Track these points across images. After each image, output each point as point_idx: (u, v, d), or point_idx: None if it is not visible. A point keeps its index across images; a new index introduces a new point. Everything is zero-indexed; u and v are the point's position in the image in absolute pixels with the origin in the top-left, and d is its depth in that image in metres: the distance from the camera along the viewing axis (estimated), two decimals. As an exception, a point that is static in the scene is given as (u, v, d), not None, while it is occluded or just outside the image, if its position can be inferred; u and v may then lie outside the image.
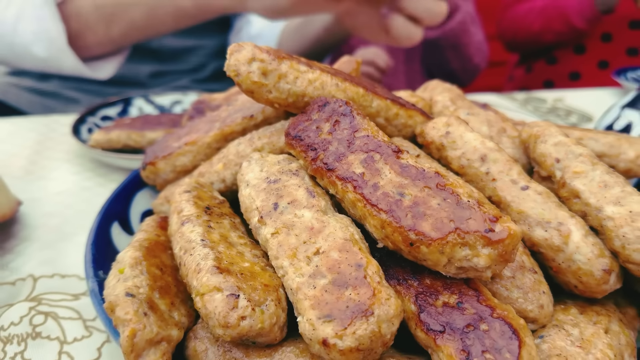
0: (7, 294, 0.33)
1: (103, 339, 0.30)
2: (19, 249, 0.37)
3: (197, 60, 0.83)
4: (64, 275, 0.35)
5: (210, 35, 0.82)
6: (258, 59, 0.30)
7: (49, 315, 0.31)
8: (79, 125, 0.52)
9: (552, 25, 0.84)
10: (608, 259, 0.25)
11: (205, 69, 0.84)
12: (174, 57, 0.83)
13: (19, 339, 0.29)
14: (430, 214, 0.24)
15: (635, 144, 0.33)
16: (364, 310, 0.22)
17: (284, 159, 0.30)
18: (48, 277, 0.34)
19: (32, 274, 0.35)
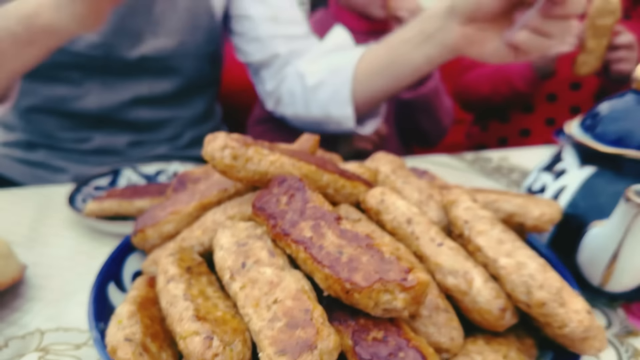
0: (18, 347, 0.39)
1: (102, 381, 0.35)
2: (26, 307, 0.43)
3: (173, 130, 0.89)
4: (67, 328, 0.41)
5: (184, 107, 0.88)
6: (229, 147, 0.38)
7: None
8: (75, 195, 0.59)
9: (499, 89, 0.94)
10: (503, 299, 0.32)
11: (182, 138, 0.90)
12: (150, 128, 0.88)
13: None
14: (361, 268, 0.31)
15: (540, 204, 0.41)
16: (309, 345, 0.28)
17: (251, 225, 0.37)
18: (53, 330, 0.40)
19: (39, 328, 0.40)
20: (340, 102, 0.76)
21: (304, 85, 0.80)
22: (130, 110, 0.85)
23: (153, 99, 0.85)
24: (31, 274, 0.47)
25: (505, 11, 0.58)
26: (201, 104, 0.92)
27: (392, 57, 0.70)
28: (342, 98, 0.76)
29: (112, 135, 0.87)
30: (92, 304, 0.36)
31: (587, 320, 0.29)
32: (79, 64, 0.79)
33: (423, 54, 0.67)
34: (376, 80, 0.73)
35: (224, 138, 0.38)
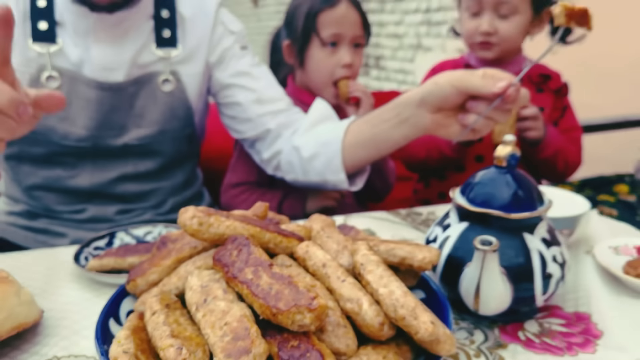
0: (41, 369, 0.52)
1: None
2: (44, 341, 0.57)
3: (157, 199, 1.03)
4: (77, 355, 0.54)
5: (166, 179, 1.03)
6: (196, 216, 0.53)
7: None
8: (79, 254, 0.73)
9: (432, 155, 1.12)
10: (382, 317, 0.47)
11: (165, 204, 1.04)
12: (136, 199, 1.02)
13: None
14: (283, 298, 0.45)
15: (423, 250, 0.56)
16: (247, 350, 0.42)
17: (212, 272, 0.52)
18: (66, 357, 0.54)
19: (55, 355, 0.54)
20: (334, 170, 0.91)
21: (300, 157, 0.95)
22: (118, 185, 0.99)
23: (138, 176, 1.00)
24: (47, 317, 0.61)
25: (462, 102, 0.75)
26: (181, 176, 1.07)
27: (374, 134, 0.86)
28: (335, 166, 0.91)
29: (103, 206, 1.00)
30: (98, 331, 0.50)
31: (431, 328, 0.44)
32: (72, 152, 0.94)
33: (400, 133, 0.83)
34: (361, 151, 0.89)
35: (193, 210, 0.53)
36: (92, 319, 0.60)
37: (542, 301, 0.59)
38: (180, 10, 0.98)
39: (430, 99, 0.77)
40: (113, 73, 0.92)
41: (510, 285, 0.56)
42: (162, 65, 0.96)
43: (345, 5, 1.10)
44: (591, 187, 2.04)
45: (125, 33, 0.93)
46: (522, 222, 0.58)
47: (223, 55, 1.02)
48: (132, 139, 0.96)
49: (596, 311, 0.62)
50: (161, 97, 0.97)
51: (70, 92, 0.90)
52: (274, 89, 1.04)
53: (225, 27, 1.02)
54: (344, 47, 1.11)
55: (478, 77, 0.72)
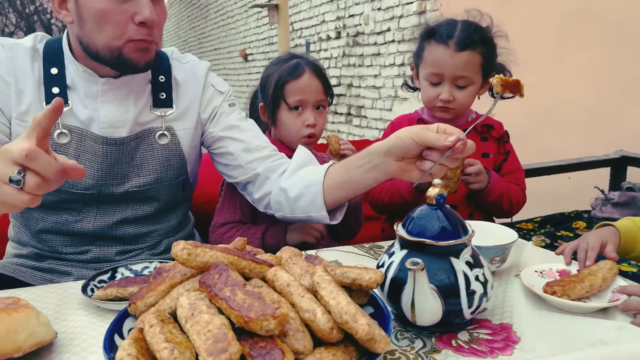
0: (58, 376, 0.64)
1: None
2: (59, 357, 0.68)
3: (152, 240, 1.16)
4: (87, 365, 0.66)
5: (161, 223, 1.16)
6: (186, 248, 0.66)
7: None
8: (85, 287, 0.85)
9: (394, 199, 1.27)
10: (331, 323, 0.59)
11: (160, 246, 1.17)
12: (134, 241, 1.15)
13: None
14: (253, 309, 0.58)
15: (370, 272, 0.69)
16: (224, 350, 0.55)
17: (198, 293, 0.64)
18: (79, 367, 0.66)
19: (69, 366, 0.66)
20: (317, 208, 1.05)
21: (287, 197, 1.09)
22: (119, 228, 1.13)
23: (136, 219, 1.13)
24: (61, 337, 0.72)
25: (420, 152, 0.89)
26: (175, 219, 1.21)
27: (349, 177, 1.01)
28: (318, 205, 1.05)
29: (105, 247, 1.13)
30: (105, 343, 0.62)
31: (367, 329, 0.57)
32: (79, 199, 1.08)
33: (371, 176, 0.98)
34: (339, 192, 1.04)
35: (183, 243, 0.67)
36: (98, 339, 0.72)
37: (469, 314, 0.72)
38: (174, 75, 1.15)
39: (394, 150, 0.92)
40: (117, 130, 1.07)
41: (441, 300, 0.69)
42: (159, 122, 1.12)
43: (308, 76, 1.28)
44: (552, 224, 2.20)
45: (128, 95, 1.08)
46: (449, 248, 0.71)
47: (214, 112, 1.18)
48: (132, 186, 1.10)
49: (517, 322, 0.75)
50: (158, 149, 1.11)
51: (79, 146, 1.04)
52: (260, 139, 1.19)
53: (214, 88, 1.19)
54: (307, 110, 1.29)
55: (432, 131, 0.87)
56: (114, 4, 0.96)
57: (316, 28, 5.66)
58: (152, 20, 0.98)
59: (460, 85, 1.26)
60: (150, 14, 0.97)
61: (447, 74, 1.24)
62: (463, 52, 1.22)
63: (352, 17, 4.85)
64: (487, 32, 1.27)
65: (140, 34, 0.99)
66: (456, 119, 1.31)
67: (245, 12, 8.01)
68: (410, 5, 3.92)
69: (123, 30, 0.98)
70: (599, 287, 0.81)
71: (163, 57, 1.16)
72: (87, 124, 1.05)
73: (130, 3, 0.97)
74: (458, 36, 1.22)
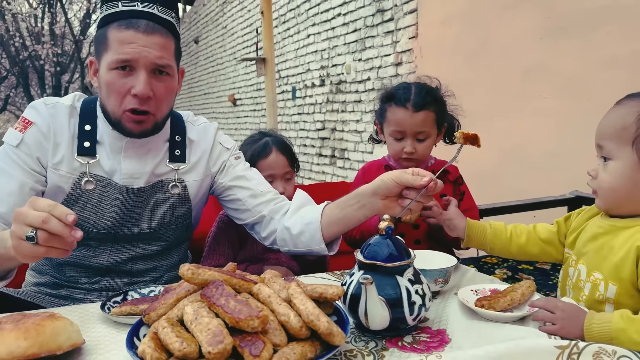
0: (90, 369, 0.82)
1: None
2: (88, 357, 0.87)
3: (156, 274, 1.34)
4: (112, 361, 0.84)
5: (165, 259, 1.35)
6: (190, 269, 0.86)
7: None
8: (103, 306, 1.04)
9: (364, 236, 1.47)
10: (301, 323, 0.79)
11: (162, 279, 1.35)
12: (141, 274, 1.33)
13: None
14: (243, 312, 0.77)
15: (333, 288, 0.89)
16: (221, 342, 0.74)
17: (200, 303, 0.84)
18: (105, 362, 0.84)
19: (98, 363, 0.84)
20: (316, 242, 1.26)
21: (290, 234, 1.29)
22: (129, 263, 1.31)
23: (144, 256, 1.32)
24: (87, 343, 0.90)
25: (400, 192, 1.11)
26: (176, 256, 1.40)
27: (343, 215, 1.23)
28: (317, 240, 1.26)
29: (115, 279, 1.32)
30: (128, 341, 0.81)
31: (326, 325, 0.77)
32: (97, 237, 1.27)
33: (361, 213, 1.20)
34: (335, 227, 1.26)
35: (188, 265, 0.86)
36: (117, 345, 0.90)
37: (411, 320, 0.91)
38: (189, 136, 1.36)
39: (379, 191, 1.14)
40: (136, 181, 1.27)
41: (389, 309, 0.89)
42: (172, 174, 1.32)
43: (275, 155, 1.53)
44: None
45: (148, 152, 1.27)
46: (395, 269, 0.92)
47: (222, 165, 1.38)
48: (144, 228, 1.29)
49: (451, 327, 0.95)
50: (169, 198, 1.32)
51: (102, 193, 1.24)
52: (263, 185, 1.38)
53: (222, 145, 1.40)
54: (277, 181, 1.53)
55: (409, 174, 1.10)
56: (117, 77, 1.16)
57: (302, 76, 5.98)
58: (143, 94, 1.14)
59: (420, 138, 1.49)
60: (144, 88, 1.14)
61: (409, 131, 1.48)
62: (420, 112, 1.46)
63: (335, 67, 5.18)
64: (437, 92, 1.51)
65: (133, 103, 1.16)
66: (418, 165, 1.54)
67: (235, 59, 8.38)
68: (388, 57, 4.24)
69: (122, 100, 1.17)
70: (519, 301, 1.01)
71: (179, 119, 1.36)
72: (110, 174, 1.25)
73: (130, 78, 1.16)
74: (414, 99, 1.46)
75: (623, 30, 2.53)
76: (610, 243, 0.98)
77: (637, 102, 0.96)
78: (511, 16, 3.13)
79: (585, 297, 1.00)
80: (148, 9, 1.17)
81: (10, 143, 1.20)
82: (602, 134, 1.00)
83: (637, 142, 0.94)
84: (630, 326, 0.83)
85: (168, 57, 1.18)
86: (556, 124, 2.92)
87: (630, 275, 0.93)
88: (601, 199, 1.02)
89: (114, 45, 1.15)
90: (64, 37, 11.98)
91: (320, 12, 5.42)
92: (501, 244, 1.20)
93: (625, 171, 0.95)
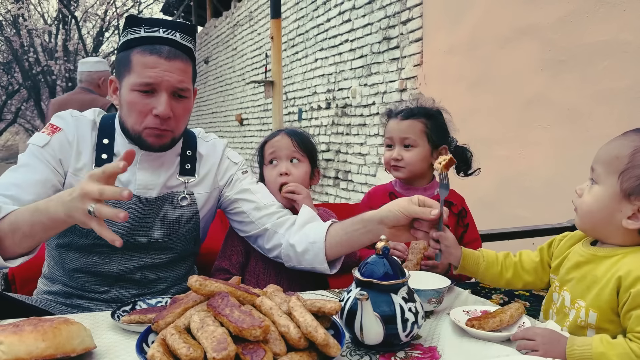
0: (101, 372, 0.87)
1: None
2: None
3: (163, 285, 1.40)
4: (122, 365, 0.90)
5: (172, 271, 1.40)
6: (198, 280, 0.92)
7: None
8: (113, 315, 1.10)
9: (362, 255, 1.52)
10: (300, 334, 0.85)
11: (169, 291, 1.41)
12: (148, 284, 1.39)
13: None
14: (246, 322, 0.83)
15: (331, 302, 0.95)
16: (224, 348, 0.79)
17: (206, 312, 0.89)
18: (115, 366, 0.89)
19: (108, 366, 0.90)
20: (320, 261, 1.32)
21: (295, 252, 1.35)
22: (138, 272, 1.37)
23: (153, 266, 1.38)
24: (98, 348, 0.96)
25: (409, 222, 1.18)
26: (183, 268, 1.46)
27: (347, 237, 1.29)
28: (321, 259, 1.32)
29: (123, 290, 1.37)
30: (137, 347, 0.87)
31: (323, 336, 0.82)
32: (109, 244, 1.32)
33: (366, 238, 1.26)
34: (339, 248, 1.31)
35: (196, 277, 0.92)
36: (127, 350, 0.96)
37: (404, 337, 0.97)
38: (199, 150, 1.44)
39: (387, 221, 1.20)
40: (149, 192, 1.34)
41: (383, 325, 0.94)
42: (182, 187, 1.39)
43: (281, 136, 1.56)
44: (511, 284, 2.44)
45: (161, 165, 1.36)
46: (390, 287, 0.98)
47: (230, 179, 1.46)
48: (154, 238, 1.35)
49: (441, 344, 1.00)
50: (179, 209, 1.38)
51: (116, 202, 1.30)
52: (268, 198, 1.44)
53: (230, 160, 1.48)
54: (281, 162, 1.54)
55: (416, 204, 1.15)
56: (139, 98, 1.25)
57: (308, 98, 6.10)
58: (165, 115, 1.23)
59: (407, 144, 1.57)
60: (165, 109, 1.22)
61: (395, 137, 1.59)
62: (406, 120, 1.59)
63: (341, 90, 5.29)
64: (429, 108, 1.60)
65: (155, 123, 1.25)
66: (423, 190, 1.59)
67: (243, 80, 8.53)
68: (393, 83, 4.34)
69: (143, 119, 1.27)
70: (507, 322, 1.07)
71: (191, 135, 1.46)
72: (125, 184, 1.33)
73: (152, 99, 1.25)
74: (403, 111, 1.61)
75: (620, 65, 2.62)
76: (593, 272, 1.03)
77: (635, 136, 1.00)
78: (513, 48, 3.23)
79: (569, 322, 1.05)
80: (170, 35, 1.26)
81: (37, 144, 1.29)
82: (598, 158, 1.05)
83: (624, 174, 0.98)
84: (610, 350, 0.89)
85: (187, 81, 1.27)
86: (555, 153, 2.99)
87: (610, 301, 0.98)
88: (579, 218, 1.07)
89: (138, 68, 1.24)
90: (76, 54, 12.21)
91: (328, 38, 5.56)
92: (491, 277, 1.24)
93: (605, 198, 1.00)
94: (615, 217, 1.00)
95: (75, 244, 1.33)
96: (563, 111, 2.94)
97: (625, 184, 0.98)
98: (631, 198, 0.97)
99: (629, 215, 0.98)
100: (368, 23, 4.73)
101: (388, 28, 4.41)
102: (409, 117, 1.58)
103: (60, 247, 1.36)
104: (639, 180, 0.96)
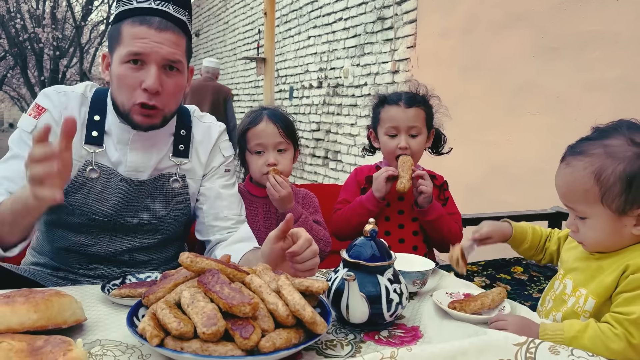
0: (88, 347, 0.90)
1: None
2: (90, 332, 0.94)
3: (152, 267, 1.39)
4: (110, 339, 0.92)
5: (161, 253, 1.40)
6: (189, 257, 0.94)
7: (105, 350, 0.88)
8: (103, 288, 1.11)
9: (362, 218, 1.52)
10: (288, 311, 0.87)
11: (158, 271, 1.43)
12: (136, 265, 1.38)
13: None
14: (235, 298, 0.85)
15: (319, 282, 0.97)
16: (214, 324, 0.82)
17: (197, 288, 0.91)
18: (104, 339, 0.91)
19: (98, 339, 0.92)
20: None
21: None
22: (126, 254, 1.37)
23: (142, 248, 1.38)
24: (89, 320, 0.98)
25: None
26: (172, 250, 1.45)
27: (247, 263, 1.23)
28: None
29: (111, 268, 1.37)
30: (128, 319, 0.89)
31: (311, 314, 0.85)
32: (97, 225, 1.33)
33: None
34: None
35: (187, 254, 0.94)
36: (117, 323, 0.98)
37: (388, 317, 1.00)
38: (194, 132, 1.41)
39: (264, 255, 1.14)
40: (140, 174, 1.33)
41: (368, 305, 0.97)
42: (174, 169, 1.38)
43: (265, 123, 1.53)
44: (494, 267, 2.52)
45: (153, 145, 1.32)
46: (376, 268, 1.00)
47: (211, 170, 1.41)
48: (143, 219, 1.35)
49: (423, 324, 1.04)
50: (169, 191, 1.37)
51: (106, 182, 1.30)
52: (231, 211, 1.39)
53: (220, 151, 1.45)
54: (268, 152, 1.54)
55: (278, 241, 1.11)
56: (128, 71, 1.21)
57: (300, 76, 6.06)
58: (153, 89, 1.18)
59: (413, 134, 1.58)
60: (154, 83, 1.18)
61: (402, 125, 1.58)
62: (411, 108, 1.58)
63: (333, 70, 5.26)
64: (424, 96, 1.62)
65: (144, 98, 1.20)
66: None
67: (235, 55, 8.44)
68: (386, 64, 4.33)
69: (132, 93, 1.21)
70: (489, 305, 1.10)
71: (186, 113, 1.41)
72: (115, 165, 1.32)
73: (141, 72, 1.21)
74: (405, 98, 1.59)
75: (611, 55, 2.64)
76: (599, 262, 1.06)
77: (583, 161, 1.02)
78: (506, 34, 3.23)
79: (567, 309, 1.08)
80: (162, 7, 1.22)
81: (25, 129, 1.26)
82: (567, 198, 1.06)
83: (605, 198, 1.00)
84: (581, 333, 0.93)
85: (179, 54, 1.23)
86: (543, 140, 3.02)
87: (611, 288, 1.00)
88: (590, 248, 1.09)
89: (127, 39, 1.21)
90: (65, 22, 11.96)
91: (322, 15, 5.50)
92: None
93: (605, 226, 1.02)
94: (623, 231, 1.03)
95: (64, 222, 1.32)
96: (552, 99, 2.97)
97: (613, 206, 1.00)
98: (627, 212, 1.00)
99: (634, 224, 1.02)
100: (363, 2, 4.69)
101: (383, 8, 4.38)
102: (414, 104, 1.58)
103: (48, 224, 1.35)
104: (621, 196, 0.99)
